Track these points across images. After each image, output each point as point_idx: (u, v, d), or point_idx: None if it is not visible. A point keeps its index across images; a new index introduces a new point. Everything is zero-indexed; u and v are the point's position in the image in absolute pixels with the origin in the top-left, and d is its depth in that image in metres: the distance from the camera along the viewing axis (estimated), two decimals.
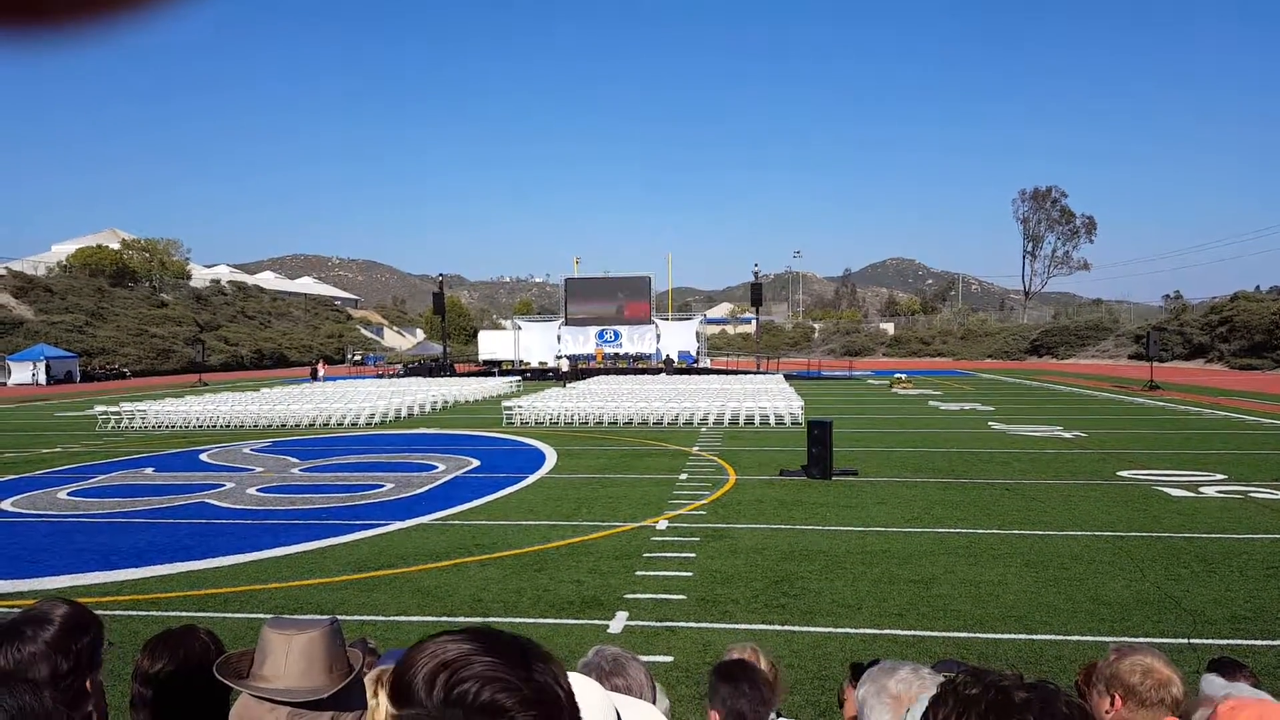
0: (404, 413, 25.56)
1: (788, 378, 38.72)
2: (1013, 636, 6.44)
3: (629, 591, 7.64)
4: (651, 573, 8.22)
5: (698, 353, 51.22)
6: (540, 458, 16.17)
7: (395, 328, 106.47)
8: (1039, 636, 6.42)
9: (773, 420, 21.96)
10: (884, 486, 12.66)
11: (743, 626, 6.75)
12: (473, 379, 40.45)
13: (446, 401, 29.16)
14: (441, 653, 0.82)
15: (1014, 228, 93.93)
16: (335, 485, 13.44)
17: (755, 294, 50.57)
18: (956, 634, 6.50)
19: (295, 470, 15.13)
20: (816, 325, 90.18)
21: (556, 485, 13.21)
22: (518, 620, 6.90)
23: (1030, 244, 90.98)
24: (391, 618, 7.05)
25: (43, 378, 47.61)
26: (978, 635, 6.48)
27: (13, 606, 7.50)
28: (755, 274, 50.41)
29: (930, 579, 7.89)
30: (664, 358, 48.67)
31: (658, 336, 51.10)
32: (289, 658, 1.67)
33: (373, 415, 23.80)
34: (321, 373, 48.22)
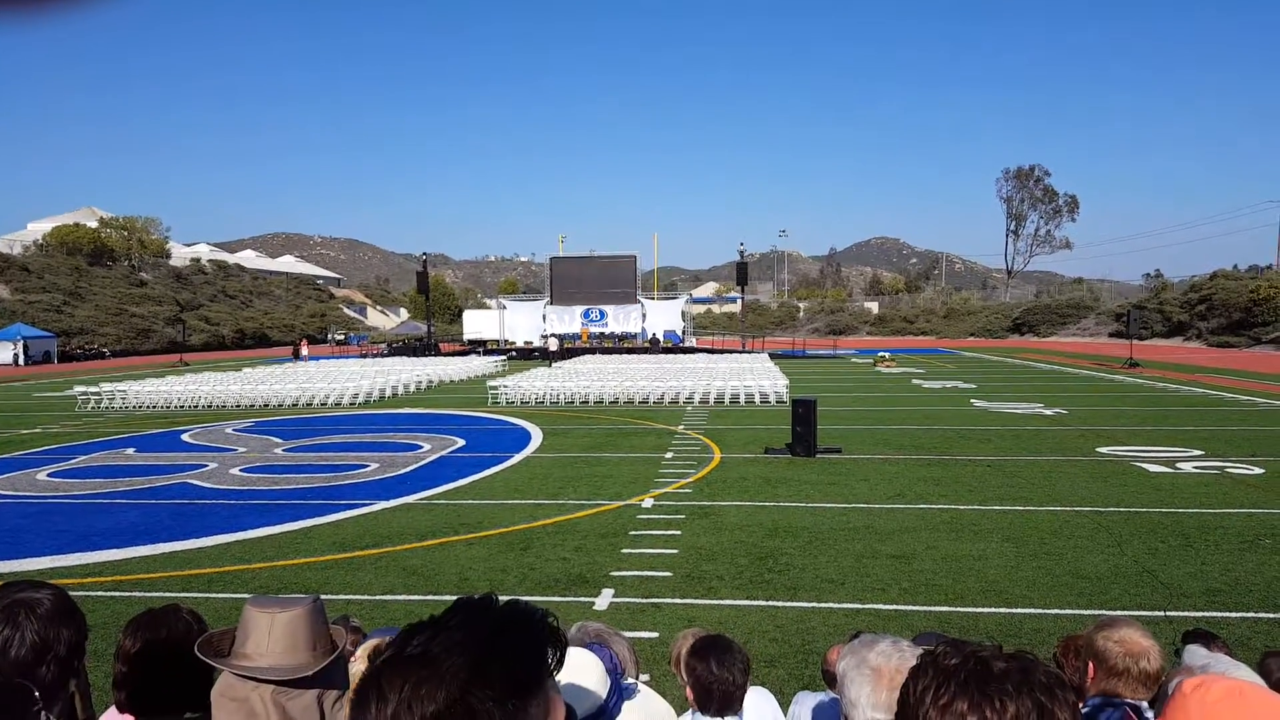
0: (388, 392, 25.44)
1: (773, 356, 38.84)
2: (993, 610, 6.53)
3: (615, 569, 7.68)
4: (637, 550, 8.26)
5: (683, 332, 51.22)
6: (526, 437, 16.17)
7: (379, 307, 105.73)
8: (1018, 610, 6.52)
9: (758, 399, 22.04)
10: (867, 464, 12.75)
11: (727, 603, 6.81)
12: (457, 358, 40.30)
13: (431, 381, 29.05)
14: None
15: (997, 207, 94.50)
16: (319, 465, 13.39)
17: (741, 273, 50.60)
18: (938, 608, 6.59)
19: (278, 450, 15.05)
20: (801, 304, 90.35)
21: (542, 464, 13.22)
22: (505, 599, 6.91)
23: (1013, 223, 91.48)
24: (377, 597, 7.06)
25: (22, 358, 46.99)
26: (958, 609, 6.57)
27: None
28: (741, 253, 50.38)
29: (912, 554, 7.97)
30: (650, 337, 48.65)
31: (643, 316, 51.04)
32: (272, 636, 1.66)
33: (356, 395, 23.68)
34: (304, 352, 47.85)
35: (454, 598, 0.92)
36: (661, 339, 47.99)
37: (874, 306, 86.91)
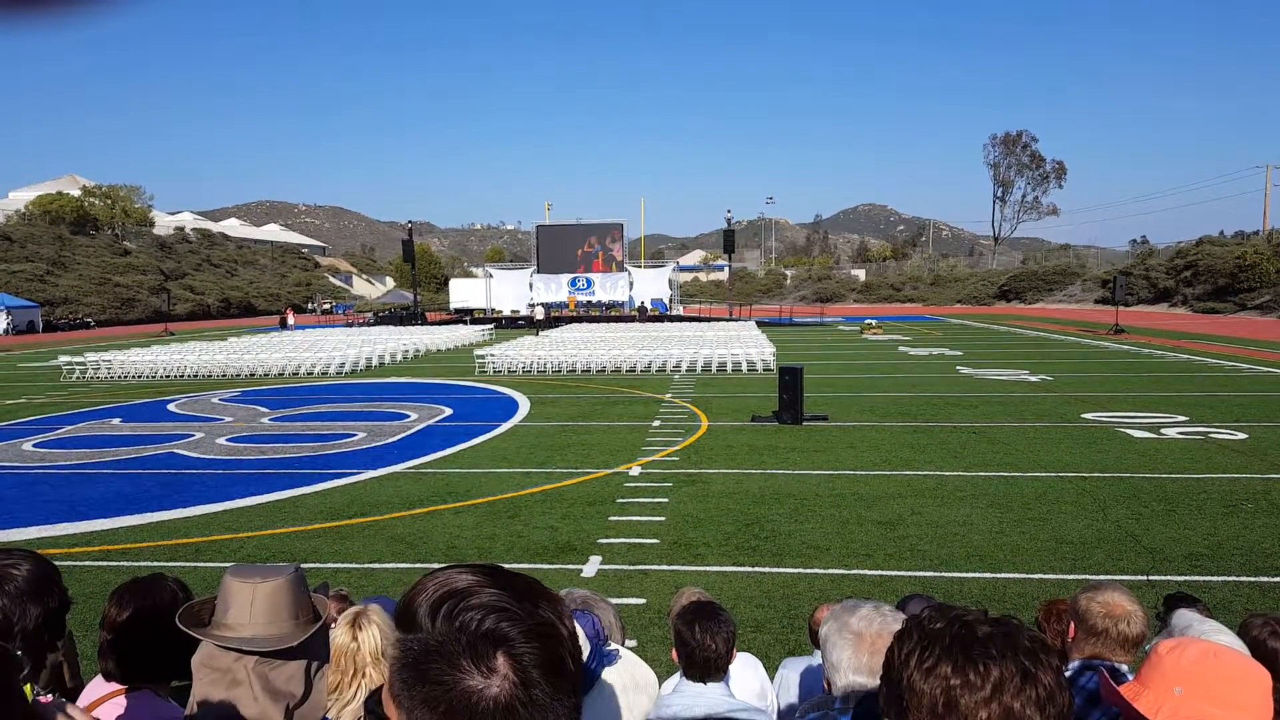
0: (374, 362, 25.34)
1: (760, 324, 38.87)
2: (977, 575, 6.62)
3: (602, 536, 7.72)
4: (624, 518, 8.31)
5: (671, 300, 51.14)
6: (513, 406, 16.16)
7: (364, 276, 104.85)
8: (1002, 575, 6.60)
9: (745, 367, 22.08)
10: (853, 431, 12.83)
11: (714, 569, 6.87)
12: (444, 327, 40.10)
13: (418, 350, 28.92)
14: (450, 583, 0.85)
15: (984, 173, 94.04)
16: (306, 435, 13.35)
17: (728, 241, 50.38)
18: (922, 573, 6.67)
19: (265, 420, 14.99)
20: (789, 272, 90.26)
21: (530, 433, 13.23)
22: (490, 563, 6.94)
23: (1000, 189, 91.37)
24: (365, 565, 7.07)
25: (10, 327, 46.41)
26: (943, 574, 6.65)
27: None
28: (728, 220, 50.13)
29: (897, 520, 8.05)
30: (637, 305, 48.54)
31: (631, 284, 50.90)
32: (253, 606, 1.63)
33: (343, 364, 23.56)
34: (290, 321, 47.54)
35: (442, 566, 0.92)
36: (649, 307, 47.90)
37: (861, 274, 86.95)
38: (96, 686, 2.07)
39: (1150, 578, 6.45)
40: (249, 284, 75.94)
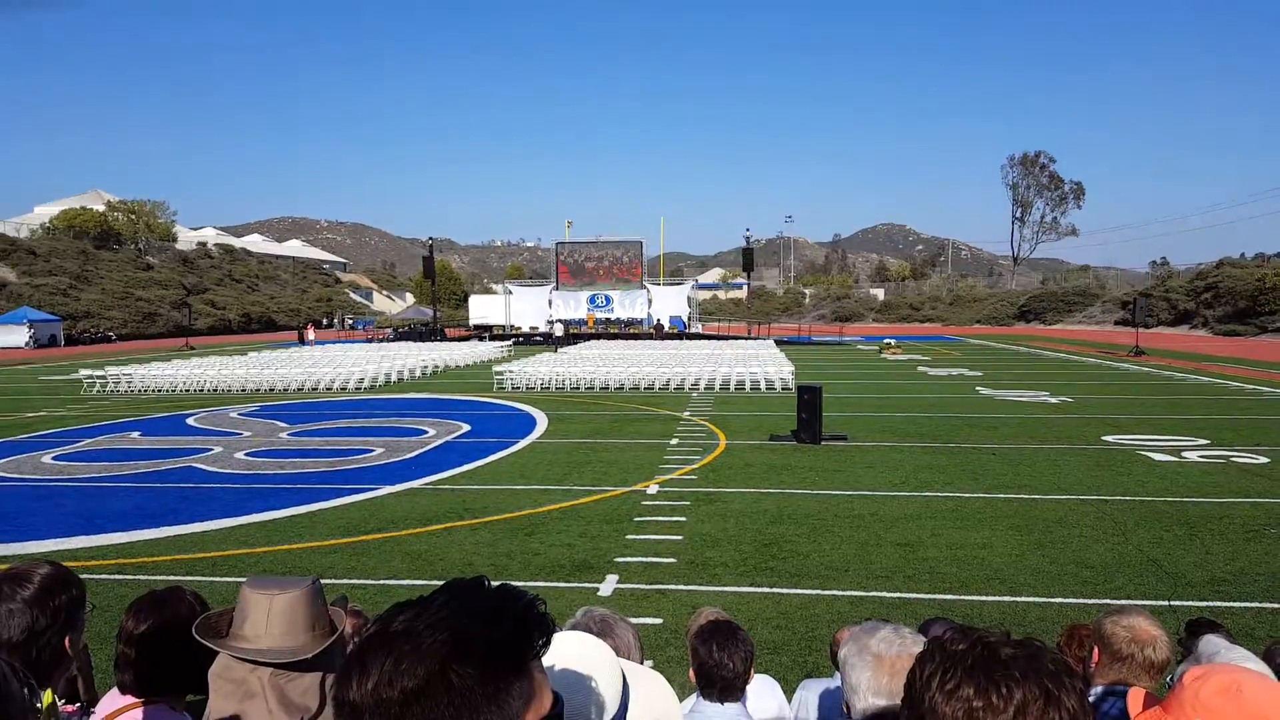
0: (393, 377, 25.47)
1: (778, 343, 38.77)
2: (997, 599, 6.52)
3: (619, 555, 7.69)
4: (642, 536, 8.27)
5: (689, 318, 51.19)
6: (531, 423, 16.17)
7: (384, 292, 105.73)
8: (1023, 599, 6.51)
9: (763, 385, 22.01)
10: (872, 451, 12.73)
11: (731, 589, 6.81)
12: (463, 344, 40.30)
13: (437, 366, 29.07)
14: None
15: (1003, 193, 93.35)
16: (324, 450, 13.42)
17: (747, 259, 50.46)
18: (942, 595, 6.58)
19: (283, 435, 15.08)
20: (807, 291, 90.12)
21: (548, 450, 13.23)
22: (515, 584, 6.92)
23: (1019, 210, 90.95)
24: (381, 581, 7.07)
25: (31, 340, 47.08)
26: (962, 597, 6.56)
27: None
28: (747, 239, 50.21)
29: (916, 542, 7.96)
30: (655, 323, 48.60)
31: (649, 301, 50.98)
32: (270, 617, 1.63)
33: (362, 380, 23.71)
34: (310, 337, 47.94)
35: None
36: (667, 325, 47.93)
37: (880, 293, 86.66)
38: (112, 699, 2.07)
39: (1172, 603, 6.33)
40: (270, 299, 76.75)
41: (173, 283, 67.86)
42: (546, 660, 0.92)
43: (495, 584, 0.90)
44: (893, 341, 38.56)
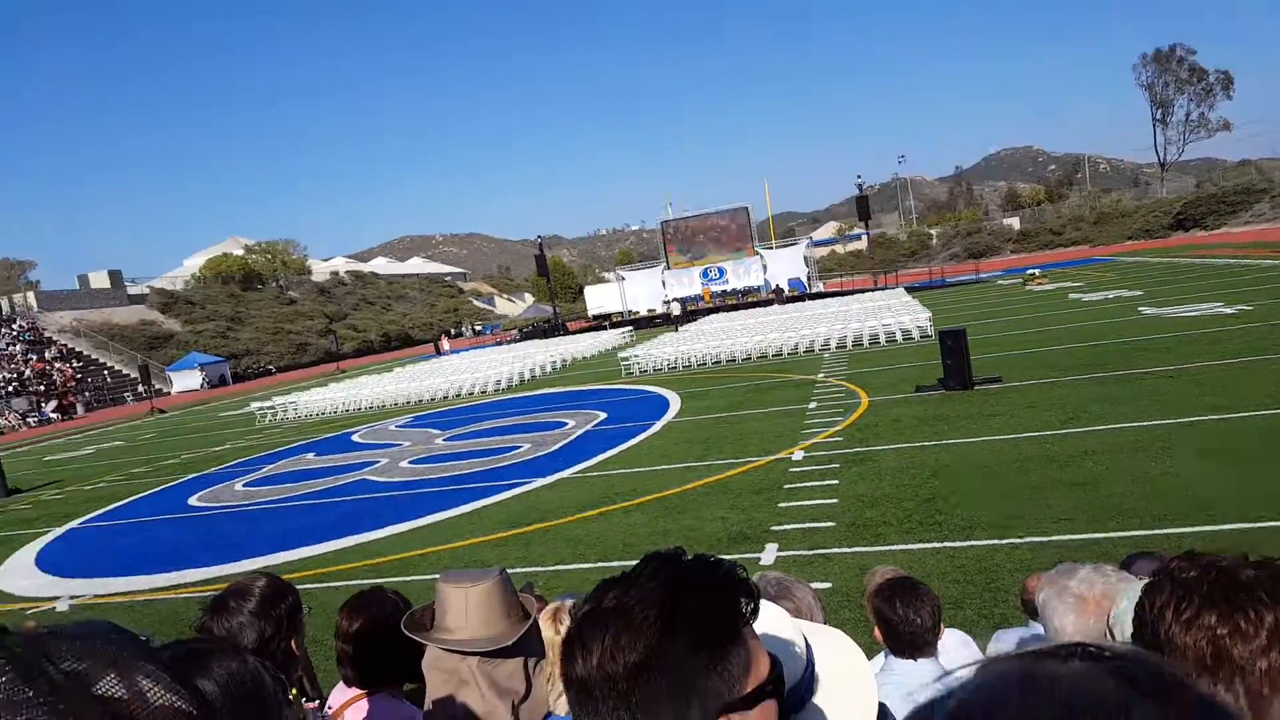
0: (527, 375, 26.26)
1: (909, 290, 37.27)
2: (1198, 529, 6.00)
3: (774, 524, 7.60)
4: (795, 503, 8.14)
5: (808, 278, 49.84)
6: (664, 403, 16.27)
7: (504, 295, 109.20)
8: (1227, 526, 5.95)
9: (899, 336, 21.20)
10: (1031, 390, 12.02)
11: (898, 548, 6.60)
12: (585, 335, 41.02)
13: (565, 360, 29.76)
14: None
15: (1139, 97, 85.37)
16: (477, 451, 13.99)
17: (861, 208, 48.58)
18: (1133, 533, 6.12)
19: (439, 441, 15.85)
20: (933, 231, 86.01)
21: (685, 428, 13.26)
22: None
23: (1159, 111, 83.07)
24: (551, 567, 7.30)
25: (205, 382, 51.76)
26: (1158, 531, 6.07)
27: (218, 590, 8.24)
28: (859, 186, 48.34)
29: (1095, 480, 7.44)
30: (774, 288, 47.67)
31: (764, 267, 49.97)
32: (468, 609, 1.71)
33: (499, 381, 24.58)
34: (446, 346, 50.18)
35: (623, 563, 0.91)
36: (786, 288, 46.98)
37: (1014, 222, 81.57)
38: (340, 692, 2.26)
39: None
40: (403, 316, 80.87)
41: (315, 313, 72.69)
42: None
43: (692, 555, 0.91)
44: (1037, 271, 36.29)
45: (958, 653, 3.20)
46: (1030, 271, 36.52)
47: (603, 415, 15.82)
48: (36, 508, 15.33)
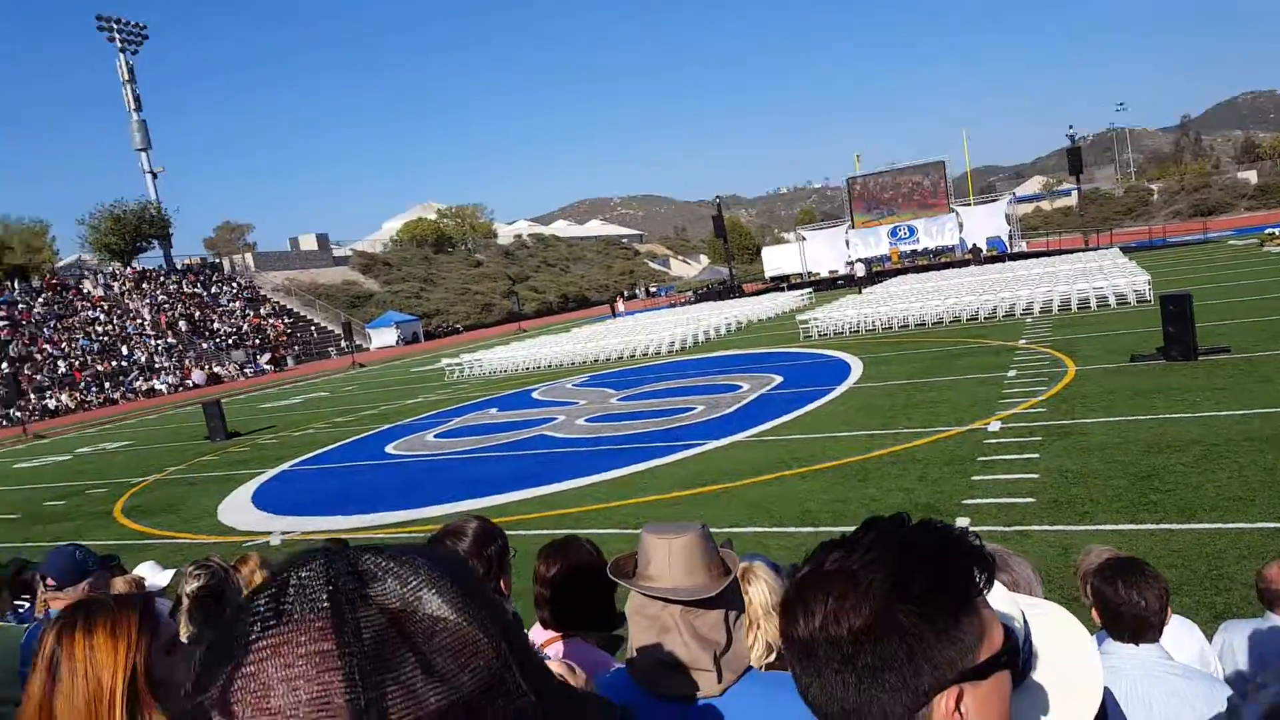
0: (701, 337, 26.35)
1: (1125, 250, 33.80)
2: None
3: (966, 497, 7.18)
4: (990, 476, 7.64)
5: (1010, 237, 46.17)
6: (845, 368, 15.76)
7: (680, 256, 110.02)
8: None
9: (1112, 301, 19.28)
10: (1266, 362, 10.58)
11: (1108, 528, 6.05)
12: (763, 297, 40.51)
13: (740, 322, 29.57)
14: None
15: None
16: (651, 411, 14.23)
17: (1073, 160, 44.43)
18: None
19: (614, 400, 16.28)
20: (1154, 186, 77.41)
21: (868, 394, 12.79)
22: (850, 529, 6.80)
23: None
24: (726, 529, 7.29)
25: (400, 339, 56.19)
26: None
27: (412, 532, 8.96)
28: (1071, 137, 44.23)
29: None
30: (970, 247, 44.62)
31: (960, 225, 46.74)
32: (671, 559, 1.74)
33: (673, 343, 24.84)
34: (620, 308, 51.36)
35: (799, 529, 0.83)
36: (984, 248, 43.86)
37: (1251, 176, 71.81)
38: (536, 633, 2.36)
39: None
40: (581, 278, 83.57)
41: (499, 275, 76.59)
42: None
43: (915, 520, 0.88)
44: (1276, 231, 31.82)
45: (1180, 639, 2.98)
46: (1269, 231, 32.10)
47: (779, 379, 15.58)
48: (252, 450, 17.27)
